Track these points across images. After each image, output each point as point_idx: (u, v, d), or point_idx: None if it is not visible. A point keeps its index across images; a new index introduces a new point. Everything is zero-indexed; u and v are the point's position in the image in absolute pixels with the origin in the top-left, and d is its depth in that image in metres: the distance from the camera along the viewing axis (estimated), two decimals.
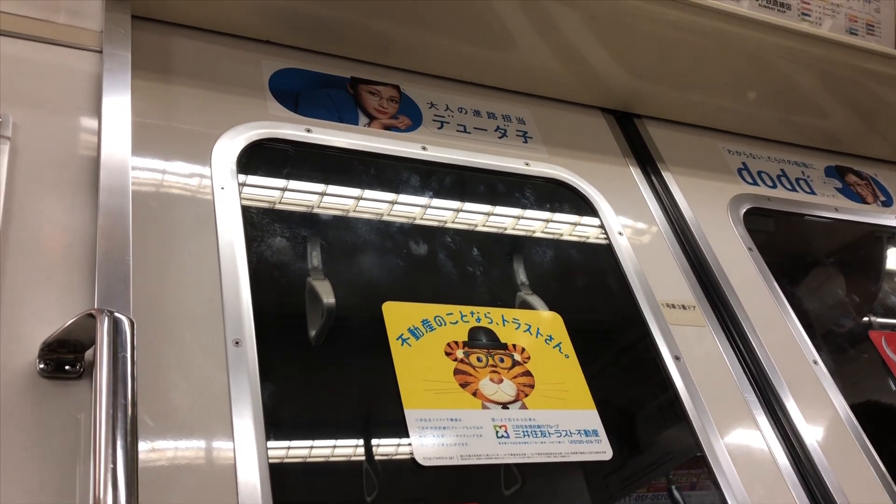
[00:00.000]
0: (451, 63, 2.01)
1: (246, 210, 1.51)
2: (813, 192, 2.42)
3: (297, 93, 1.77)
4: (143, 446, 1.14)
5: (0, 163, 1.28)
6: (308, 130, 1.71)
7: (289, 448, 1.36)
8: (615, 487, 1.65)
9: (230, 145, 1.58)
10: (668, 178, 2.15)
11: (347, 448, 1.49)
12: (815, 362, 1.91)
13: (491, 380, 1.50)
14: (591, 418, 1.53)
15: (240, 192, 1.52)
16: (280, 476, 1.23)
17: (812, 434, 1.74)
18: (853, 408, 1.86)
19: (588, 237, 1.99)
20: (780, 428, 1.74)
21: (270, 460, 1.21)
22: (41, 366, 1.12)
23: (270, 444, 1.23)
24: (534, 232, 1.96)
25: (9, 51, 1.46)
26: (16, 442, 1.06)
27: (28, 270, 1.21)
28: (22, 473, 1.04)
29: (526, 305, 1.75)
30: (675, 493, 1.64)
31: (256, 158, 1.63)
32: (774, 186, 2.36)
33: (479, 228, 1.90)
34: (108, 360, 0.99)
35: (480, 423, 1.42)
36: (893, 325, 2.31)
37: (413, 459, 1.35)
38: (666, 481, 1.68)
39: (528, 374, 1.55)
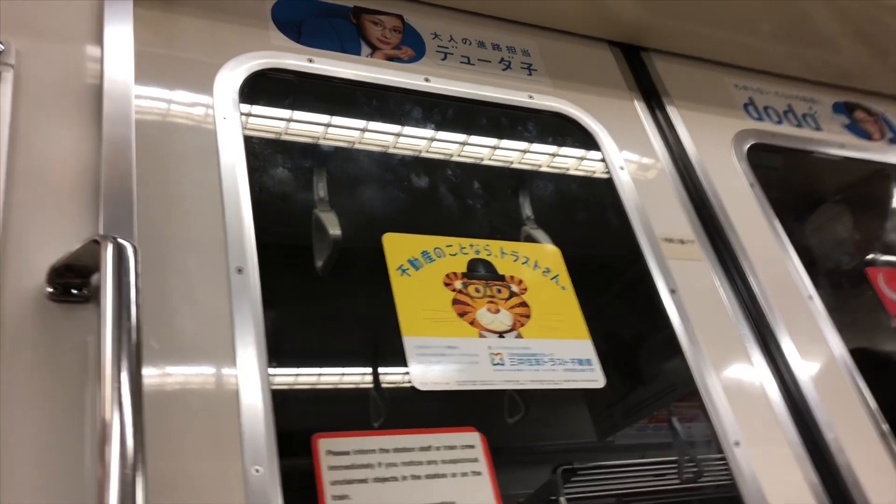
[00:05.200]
0: None
1: (248, 140, 1.52)
2: (819, 129, 2.41)
3: (299, 22, 1.76)
4: (149, 369, 1.18)
5: (4, 90, 1.30)
6: (310, 60, 1.70)
7: (290, 374, 1.41)
8: (618, 417, 1.70)
9: (232, 75, 1.58)
10: (672, 112, 2.14)
11: (347, 374, 1.54)
12: (811, 297, 1.93)
13: (488, 310, 1.53)
14: (585, 348, 1.57)
15: (242, 122, 1.53)
16: (282, 400, 1.28)
17: (805, 369, 1.77)
18: (846, 343, 1.88)
19: (591, 171, 1.99)
20: (774, 362, 1.77)
21: (273, 386, 1.25)
22: (49, 289, 1.15)
23: (272, 370, 1.27)
24: (538, 166, 1.97)
25: None
26: (26, 362, 1.10)
27: (35, 198, 1.23)
28: (32, 393, 1.08)
29: (531, 239, 1.77)
30: (676, 424, 1.69)
31: (258, 88, 1.63)
32: (780, 122, 2.34)
33: (481, 161, 1.90)
34: (112, 285, 1.03)
35: (477, 350, 1.46)
36: (893, 263, 2.32)
37: (411, 385, 1.39)
38: (667, 413, 1.72)
39: (524, 304, 1.58)
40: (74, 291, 1.16)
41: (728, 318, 1.80)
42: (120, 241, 1.06)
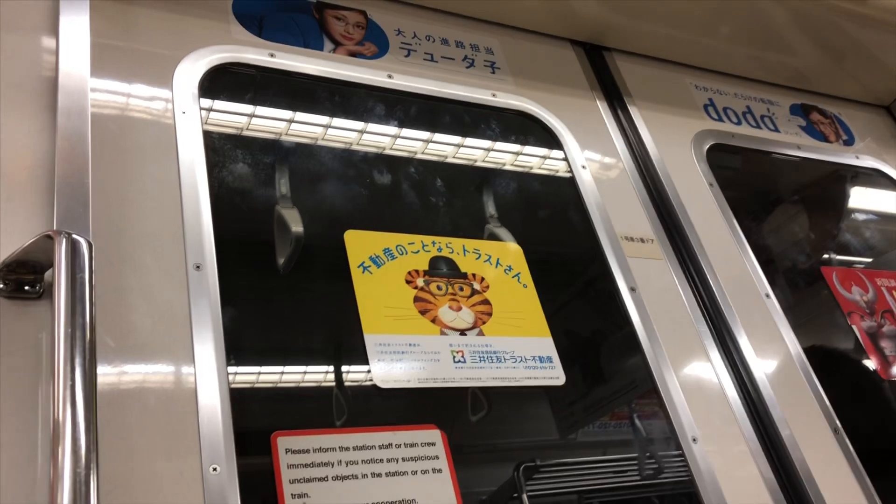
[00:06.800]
0: None
1: (208, 135, 1.50)
2: (777, 130, 2.45)
3: (261, 16, 1.74)
4: (105, 367, 1.16)
5: None
6: (272, 55, 1.69)
7: (249, 372, 1.39)
8: (579, 414, 1.70)
9: (192, 69, 1.56)
10: (634, 112, 2.16)
11: (307, 372, 1.53)
12: (768, 296, 1.96)
13: (450, 307, 1.53)
14: (545, 345, 1.57)
15: (202, 117, 1.51)
16: (241, 398, 1.26)
17: (761, 367, 1.79)
18: (802, 341, 1.92)
19: (552, 170, 2.00)
20: (731, 360, 1.80)
21: (231, 384, 1.23)
22: (0, 286, 1.13)
23: (231, 368, 1.26)
24: (501, 164, 1.97)
25: None
26: None
27: None
28: None
29: (494, 237, 1.78)
30: (636, 421, 1.70)
31: (219, 83, 1.61)
32: (739, 123, 2.38)
33: (444, 159, 1.90)
34: (66, 281, 1.01)
35: (438, 348, 1.46)
36: (847, 262, 2.37)
37: (372, 383, 1.39)
38: (627, 410, 1.74)
39: (486, 302, 1.58)
40: (27, 288, 1.14)
41: (686, 316, 1.82)
42: (74, 236, 1.05)
